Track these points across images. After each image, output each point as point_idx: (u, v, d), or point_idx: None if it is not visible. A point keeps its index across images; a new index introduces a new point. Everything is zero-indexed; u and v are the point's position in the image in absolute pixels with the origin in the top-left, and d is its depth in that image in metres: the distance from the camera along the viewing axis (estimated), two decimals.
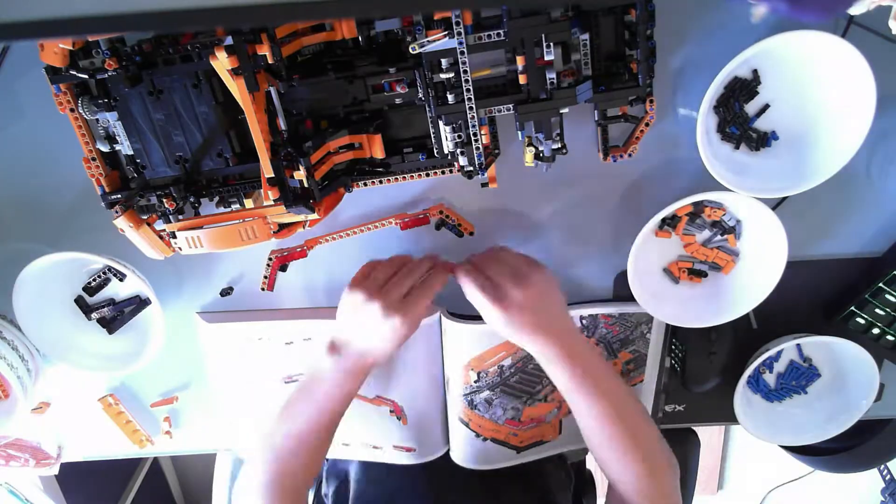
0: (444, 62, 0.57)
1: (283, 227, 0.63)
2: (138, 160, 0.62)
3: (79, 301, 0.76)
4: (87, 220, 0.74)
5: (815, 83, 0.66)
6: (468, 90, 0.57)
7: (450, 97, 0.58)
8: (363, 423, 0.85)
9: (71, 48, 0.56)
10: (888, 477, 1.50)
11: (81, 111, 0.61)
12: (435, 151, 0.63)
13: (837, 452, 1.11)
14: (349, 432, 0.86)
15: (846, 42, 0.60)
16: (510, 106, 0.58)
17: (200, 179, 0.63)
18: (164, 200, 0.62)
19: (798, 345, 0.82)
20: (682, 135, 0.71)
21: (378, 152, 0.63)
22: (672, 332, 0.81)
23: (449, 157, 0.63)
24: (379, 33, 0.59)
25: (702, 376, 0.82)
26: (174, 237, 0.63)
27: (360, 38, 0.59)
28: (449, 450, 0.88)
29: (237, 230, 0.60)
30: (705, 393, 0.83)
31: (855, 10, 0.54)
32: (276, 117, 0.59)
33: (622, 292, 0.78)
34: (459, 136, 0.60)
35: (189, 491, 1.97)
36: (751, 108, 0.68)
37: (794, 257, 0.76)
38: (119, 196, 0.62)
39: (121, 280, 0.76)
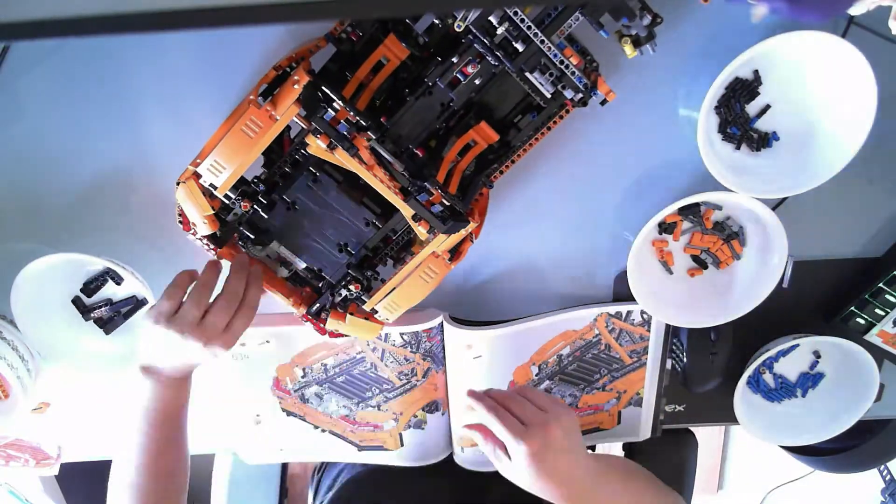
0: (493, 20, 0.55)
1: (454, 252, 0.64)
2: (315, 268, 0.67)
3: (76, 301, 0.76)
4: (87, 220, 0.74)
5: (815, 84, 0.66)
6: (529, 27, 0.56)
7: (518, 46, 0.57)
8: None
9: (213, 210, 0.61)
10: (888, 477, 1.49)
11: (252, 255, 0.66)
12: (541, 103, 0.61)
13: (837, 452, 1.10)
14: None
15: (846, 42, 0.60)
16: (577, 15, 0.56)
17: (367, 253, 0.66)
18: (352, 287, 0.66)
19: (815, 351, 0.82)
20: (682, 135, 0.71)
21: (492, 137, 0.63)
22: (672, 332, 0.81)
23: (556, 100, 0.61)
24: (423, 35, 0.59)
25: (702, 376, 0.82)
26: (376, 312, 0.66)
27: (412, 52, 0.59)
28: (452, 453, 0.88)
29: (418, 277, 0.63)
30: (705, 393, 0.83)
31: (855, 10, 0.54)
32: (391, 164, 0.60)
33: (622, 292, 0.78)
34: (551, 74, 0.59)
35: (189, 491, 1.97)
36: (752, 108, 0.68)
37: (794, 257, 0.76)
38: (317, 306, 0.68)
39: (118, 283, 0.75)
